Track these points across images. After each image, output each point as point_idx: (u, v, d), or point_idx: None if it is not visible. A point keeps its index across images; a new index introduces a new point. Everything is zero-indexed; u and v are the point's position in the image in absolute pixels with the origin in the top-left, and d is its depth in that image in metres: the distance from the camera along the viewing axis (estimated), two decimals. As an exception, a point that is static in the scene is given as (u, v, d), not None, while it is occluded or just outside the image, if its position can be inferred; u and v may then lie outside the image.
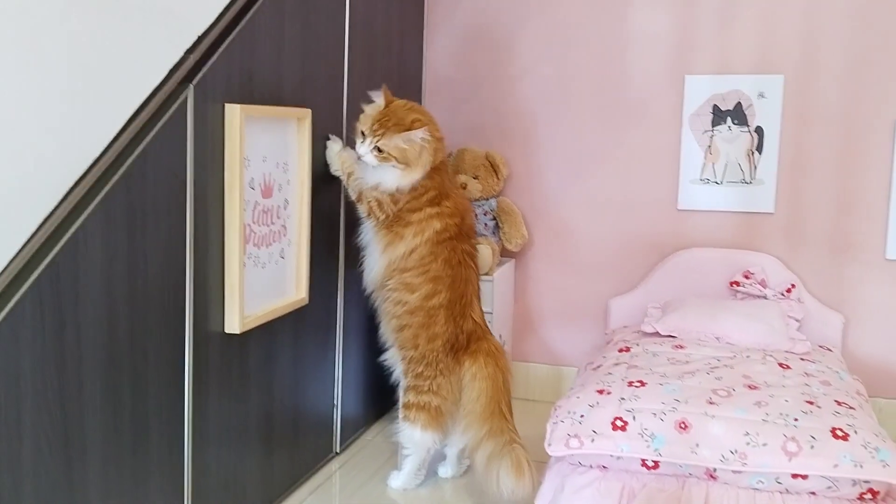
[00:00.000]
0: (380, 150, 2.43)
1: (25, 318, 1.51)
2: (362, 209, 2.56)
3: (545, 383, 3.49)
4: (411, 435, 2.56)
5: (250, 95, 2.18)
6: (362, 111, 2.51)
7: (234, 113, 2.08)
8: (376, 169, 2.47)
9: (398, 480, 2.62)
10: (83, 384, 1.67)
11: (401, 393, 2.63)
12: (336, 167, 2.60)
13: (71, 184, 1.61)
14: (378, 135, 2.42)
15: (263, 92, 2.24)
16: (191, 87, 1.92)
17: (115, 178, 1.71)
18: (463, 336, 2.57)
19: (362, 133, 2.46)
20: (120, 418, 1.78)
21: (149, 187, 1.81)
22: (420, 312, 2.53)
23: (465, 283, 2.59)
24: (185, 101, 1.91)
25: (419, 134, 2.43)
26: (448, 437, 2.62)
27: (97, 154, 1.67)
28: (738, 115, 3.15)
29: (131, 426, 1.82)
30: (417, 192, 2.51)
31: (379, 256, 2.57)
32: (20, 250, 1.50)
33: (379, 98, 2.49)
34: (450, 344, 2.54)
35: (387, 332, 2.64)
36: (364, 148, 2.44)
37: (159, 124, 1.83)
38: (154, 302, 1.87)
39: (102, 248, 1.69)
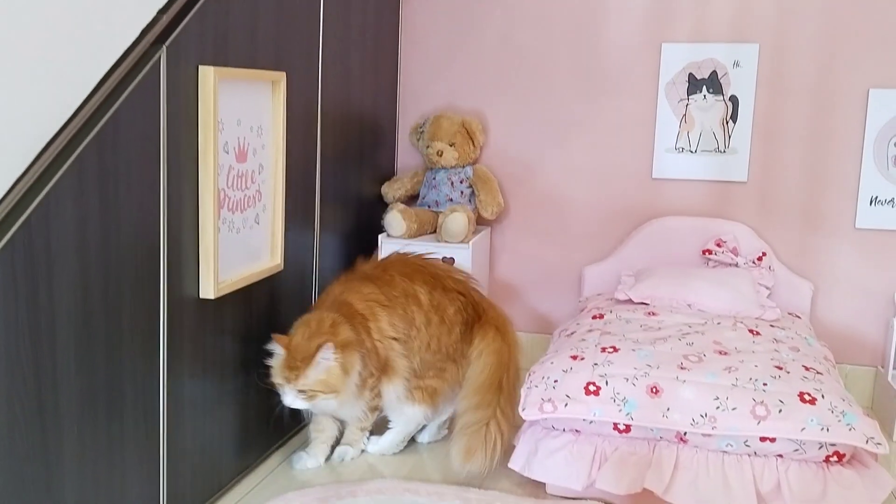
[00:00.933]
0: (303, 392, 2.31)
1: (-3, 281, 1.49)
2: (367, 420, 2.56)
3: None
4: (406, 410, 2.55)
5: (224, 58, 2.15)
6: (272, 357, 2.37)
7: (207, 75, 2.05)
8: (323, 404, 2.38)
9: (377, 446, 2.62)
10: (57, 349, 1.66)
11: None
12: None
13: (42, 145, 1.59)
14: (293, 380, 2.30)
15: (237, 54, 2.21)
16: (164, 48, 1.89)
17: (87, 139, 1.69)
18: (472, 310, 2.57)
19: (280, 385, 2.34)
20: (94, 383, 1.77)
21: (121, 150, 1.79)
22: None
23: (452, 281, 2.58)
24: (158, 63, 1.88)
25: (323, 355, 2.28)
26: (438, 413, 2.64)
27: (68, 115, 1.65)
28: (714, 83, 3.17)
29: (106, 391, 1.81)
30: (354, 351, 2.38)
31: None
32: (-9, 212, 1.49)
33: (276, 348, 2.34)
34: (464, 325, 2.55)
35: None
36: (290, 397, 2.32)
37: (132, 86, 1.80)
38: (128, 266, 1.85)
39: (75, 211, 1.67)
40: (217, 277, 2.15)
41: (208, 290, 2.13)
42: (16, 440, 1.57)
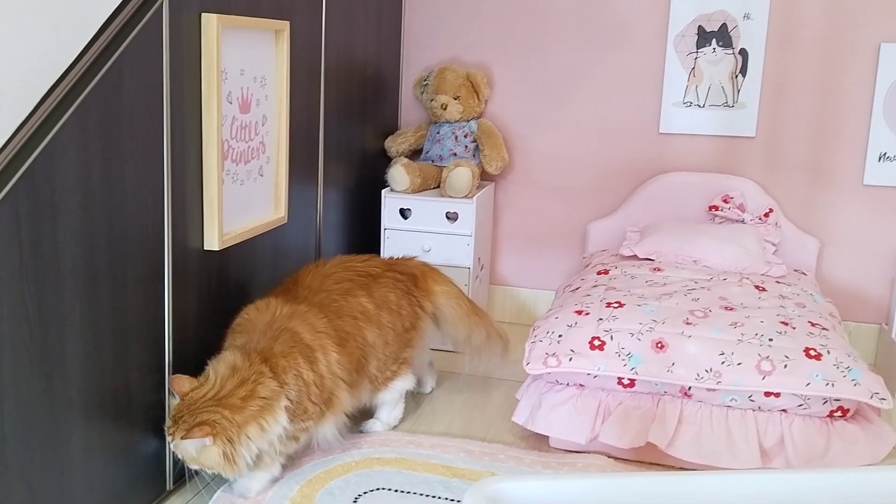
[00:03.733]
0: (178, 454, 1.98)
1: (1, 229, 1.48)
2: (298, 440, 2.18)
3: (522, 306, 3.52)
4: (394, 386, 2.46)
5: (227, 5, 2.11)
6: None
7: (210, 23, 2.01)
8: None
9: (382, 425, 2.49)
10: (62, 297, 1.65)
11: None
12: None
13: (44, 92, 1.56)
14: (171, 434, 1.95)
15: (240, 2, 2.17)
16: (166, -7, 1.86)
17: (90, 87, 1.66)
18: (405, 277, 2.50)
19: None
20: (100, 334, 1.77)
21: (125, 98, 1.76)
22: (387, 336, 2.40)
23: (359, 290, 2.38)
24: (160, 9, 1.84)
25: (193, 444, 1.90)
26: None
27: (70, 61, 1.62)
28: (724, 36, 3.11)
29: (111, 340, 1.81)
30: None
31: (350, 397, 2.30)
32: (-7, 159, 1.46)
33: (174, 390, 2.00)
34: (407, 295, 2.48)
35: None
36: (173, 445, 1.97)
37: (133, 32, 1.77)
38: (132, 217, 1.84)
39: (78, 160, 1.65)
40: (221, 229, 2.14)
41: (213, 242, 2.12)
42: (22, 387, 1.57)
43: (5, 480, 1.55)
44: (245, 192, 2.29)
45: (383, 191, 3.19)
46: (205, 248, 2.12)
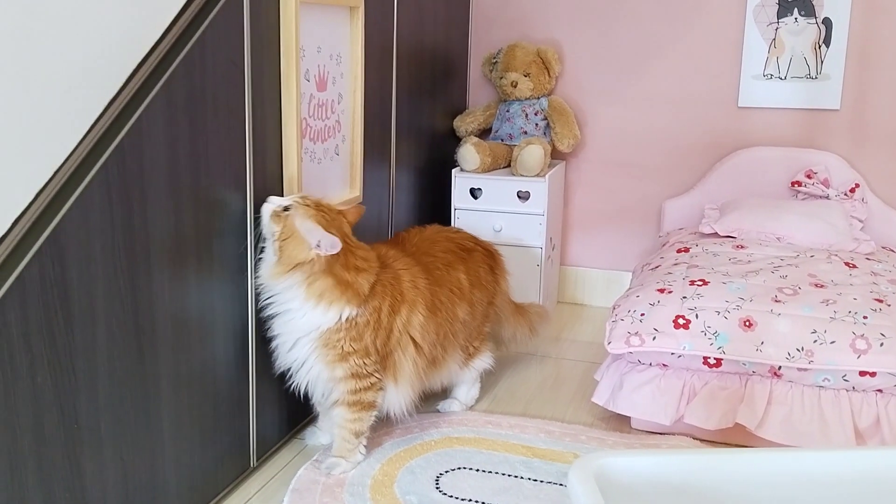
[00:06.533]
0: (277, 216, 1.98)
1: (94, 203, 1.48)
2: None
3: (595, 287, 3.46)
4: (474, 365, 2.45)
5: (304, -19, 2.09)
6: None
7: (289, -1, 2.00)
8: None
9: (460, 404, 2.46)
10: (152, 272, 1.65)
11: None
12: None
13: (133, 67, 1.56)
14: (290, 206, 1.98)
15: (317, -22, 2.15)
16: (246, -31, 1.84)
17: (175, 64, 1.65)
18: (489, 255, 2.50)
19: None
20: (187, 310, 1.77)
21: (208, 74, 1.76)
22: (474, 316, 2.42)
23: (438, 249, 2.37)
24: (240, -15, 1.83)
25: (303, 227, 1.95)
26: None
27: (157, 38, 1.61)
28: (806, 5, 3.00)
29: (198, 317, 1.81)
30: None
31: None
32: (87, 132, 1.46)
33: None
34: (490, 272, 2.48)
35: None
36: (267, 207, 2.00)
37: (216, 9, 1.76)
38: (216, 193, 1.83)
39: (165, 136, 1.65)
40: (300, 207, 2.13)
41: (293, 220, 2.11)
42: (115, 363, 1.58)
43: (100, 452, 1.57)
44: (322, 170, 2.27)
45: (454, 170, 3.15)
46: (285, 227, 2.11)
